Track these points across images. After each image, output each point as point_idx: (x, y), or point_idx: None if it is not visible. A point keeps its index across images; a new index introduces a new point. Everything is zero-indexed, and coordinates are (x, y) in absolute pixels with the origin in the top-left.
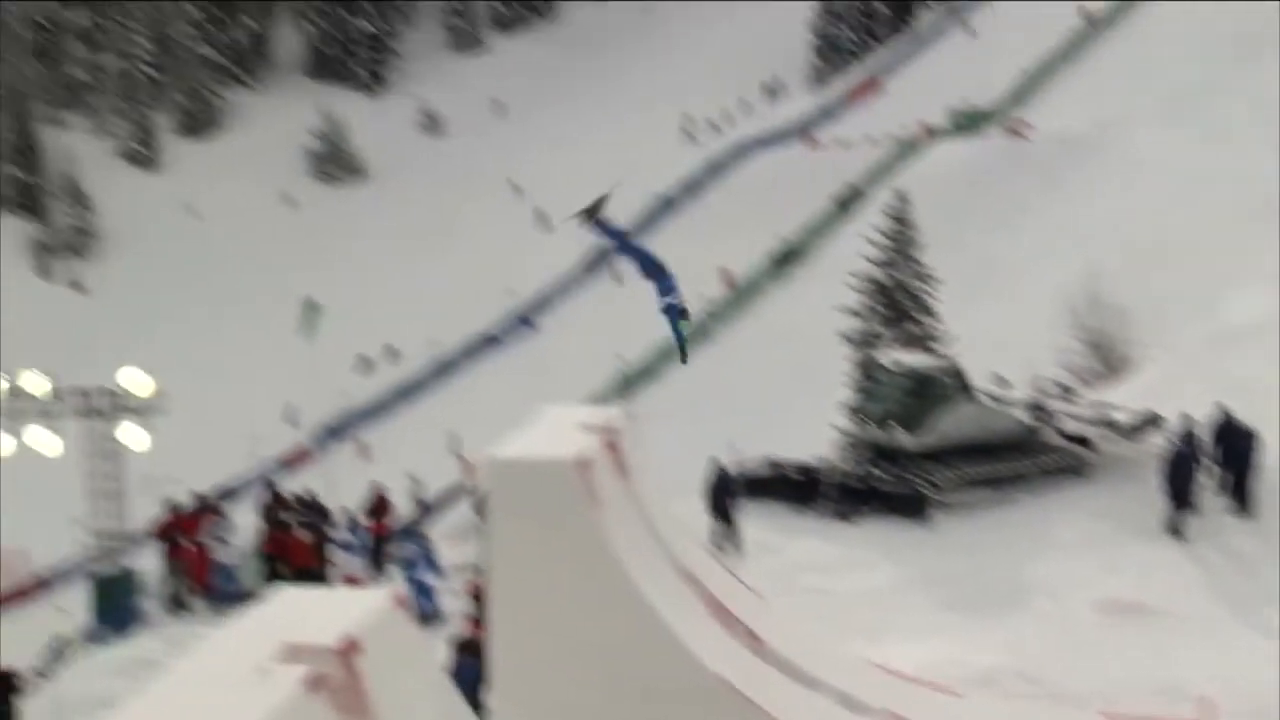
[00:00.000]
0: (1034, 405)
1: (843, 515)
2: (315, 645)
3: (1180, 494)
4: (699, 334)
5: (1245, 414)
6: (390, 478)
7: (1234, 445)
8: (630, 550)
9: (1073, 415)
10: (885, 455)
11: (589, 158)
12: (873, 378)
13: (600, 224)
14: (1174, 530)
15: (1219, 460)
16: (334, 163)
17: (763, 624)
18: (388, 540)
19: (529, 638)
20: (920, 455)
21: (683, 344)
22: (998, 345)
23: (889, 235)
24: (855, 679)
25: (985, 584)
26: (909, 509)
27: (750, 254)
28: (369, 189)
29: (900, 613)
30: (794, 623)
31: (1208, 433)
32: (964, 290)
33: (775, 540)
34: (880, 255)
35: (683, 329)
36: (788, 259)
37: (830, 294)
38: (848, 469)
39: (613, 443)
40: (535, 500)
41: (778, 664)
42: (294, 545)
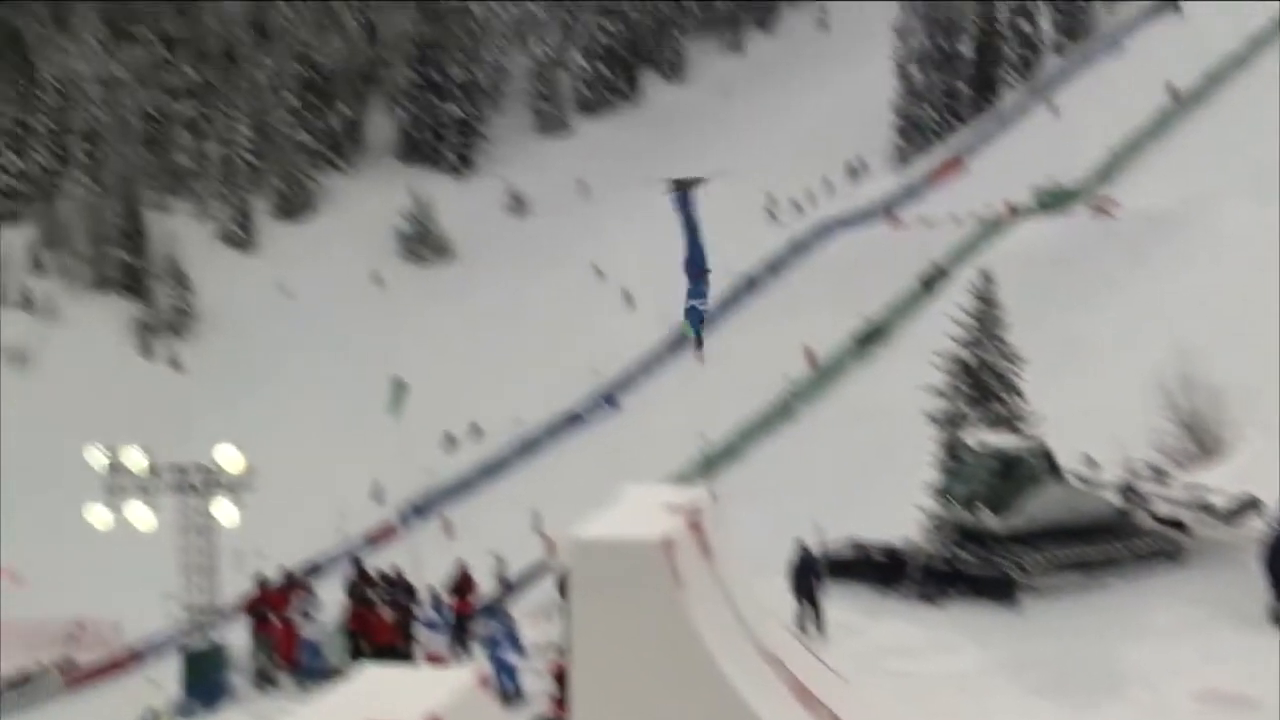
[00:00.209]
0: (1125, 487)
1: (928, 598)
2: None
3: None
4: (783, 413)
5: None
6: (474, 555)
7: None
8: (713, 631)
9: (1166, 498)
10: (971, 537)
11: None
12: (958, 458)
13: (684, 199)
14: (1278, 619)
15: None
16: (422, 243)
17: (846, 707)
18: (471, 618)
19: (611, 718)
20: (1007, 538)
21: (699, 335)
22: (1085, 425)
23: (974, 314)
24: None
25: (1077, 671)
26: (996, 592)
27: (833, 333)
28: (456, 269)
29: (987, 698)
30: (877, 706)
31: None
32: (1050, 369)
33: (859, 622)
34: (965, 334)
35: (700, 330)
36: (871, 338)
37: (914, 373)
38: (933, 551)
39: (696, 523)
40: (618, 580)
41: None
42: (378, 622)
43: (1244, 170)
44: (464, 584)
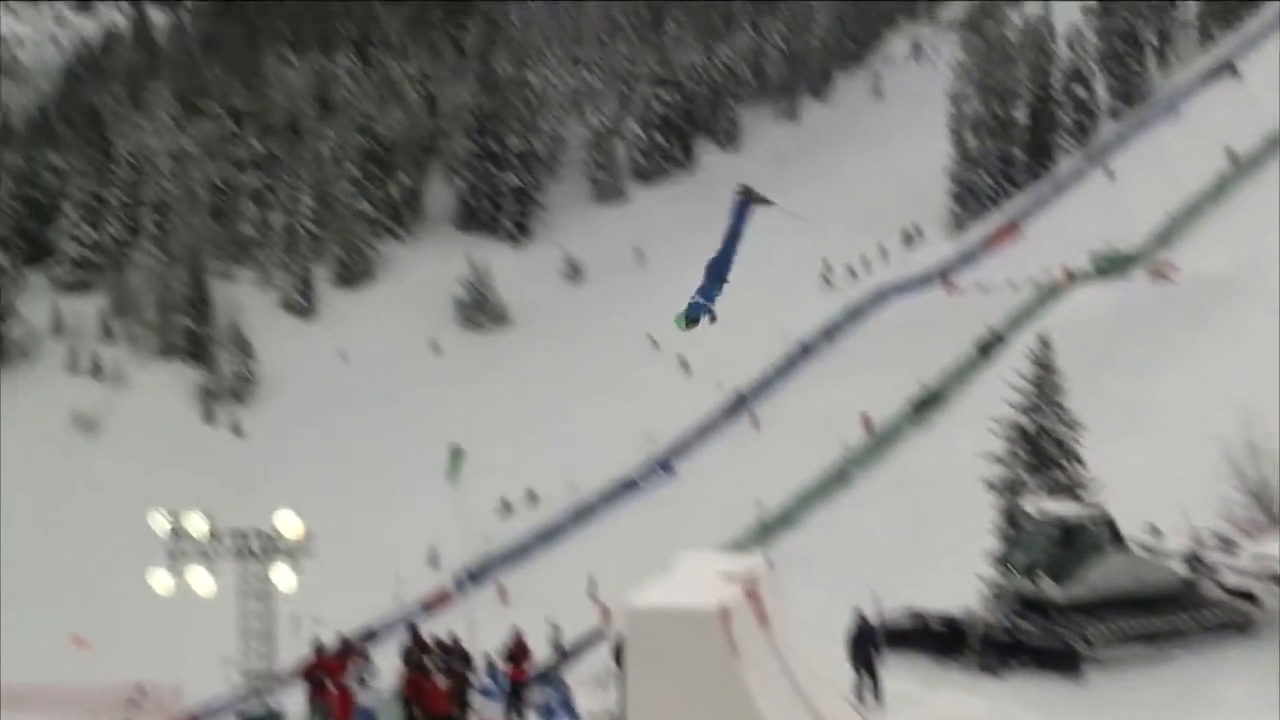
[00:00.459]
0: (1191, 557)
1: (988, 668)
2: None
3: None
4: (839, 480)
5: None
6: (529, 622)
7: None
8: (769, 700)
9: (1234, 568)
10: (1032, 607)
11: (727, 303)
12: (1018, 526)
13: (744, 208)
14: None
15: None
16: (480, 310)
17: None
18: (526, 686)
19: None
20: (1069, 607)
21: (689, 321)
22: (1149, 493)
23: (1032, 380)
24: None
25: None
26: (1059, 663)
27: (890, 399)
28: (513, 335)
29: None
30: None
31: None
32: (1111, 436)
33: (918, 693)
34: (1023, 400)
35: (690, 320)
36: (928, 404)
37: (972, 440)
38: (993, 620)
39: (753, 591)
40: (674, 648)
41: None
42: (433, 690)
43: None
44: (519, 651)
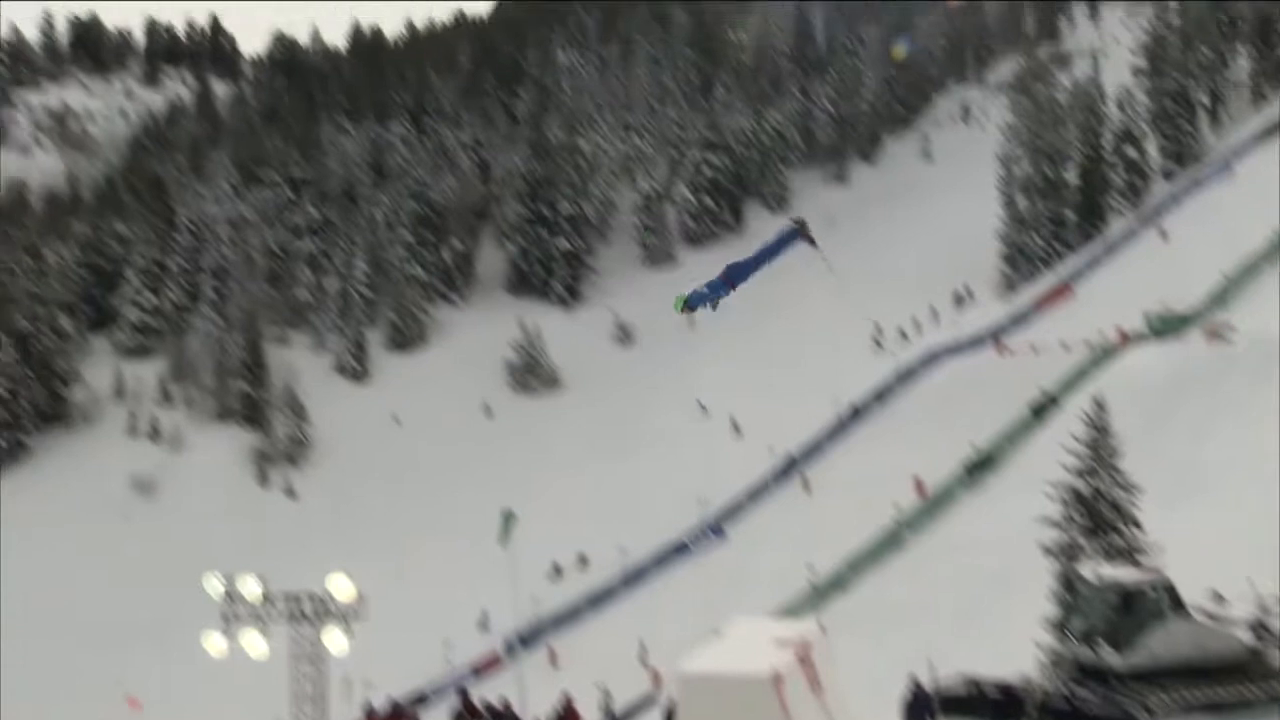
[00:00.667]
0: (1256, 624)
1: None
2: None
3: None
4: (892, 543)
5: None
6: (579, 687)
7: None
8: None
9: None
10: (1091, 675)
11: (777, 366)
12: (1076, 592)
13: (789, 238)
14: None
15: None
16: (531, 374)
17: None
18: None
19: None
20: (1130, 676)
21: (688, 305)
22: (1209, 559)
23: (1086, 442)
24: None
25: None
26: None
27: (942, 462)
28: (564, 398)
29: None
30: None
31: None
32: (1169, 499)
33: None
34: (1078, 463)
35: (690, 304)
36: (981, 467)
37: (1027, 503)
38: (1050, 688)
39: (805, 657)
40: (726, 714)
41: None
42: None
43: None
44: (569, 716)
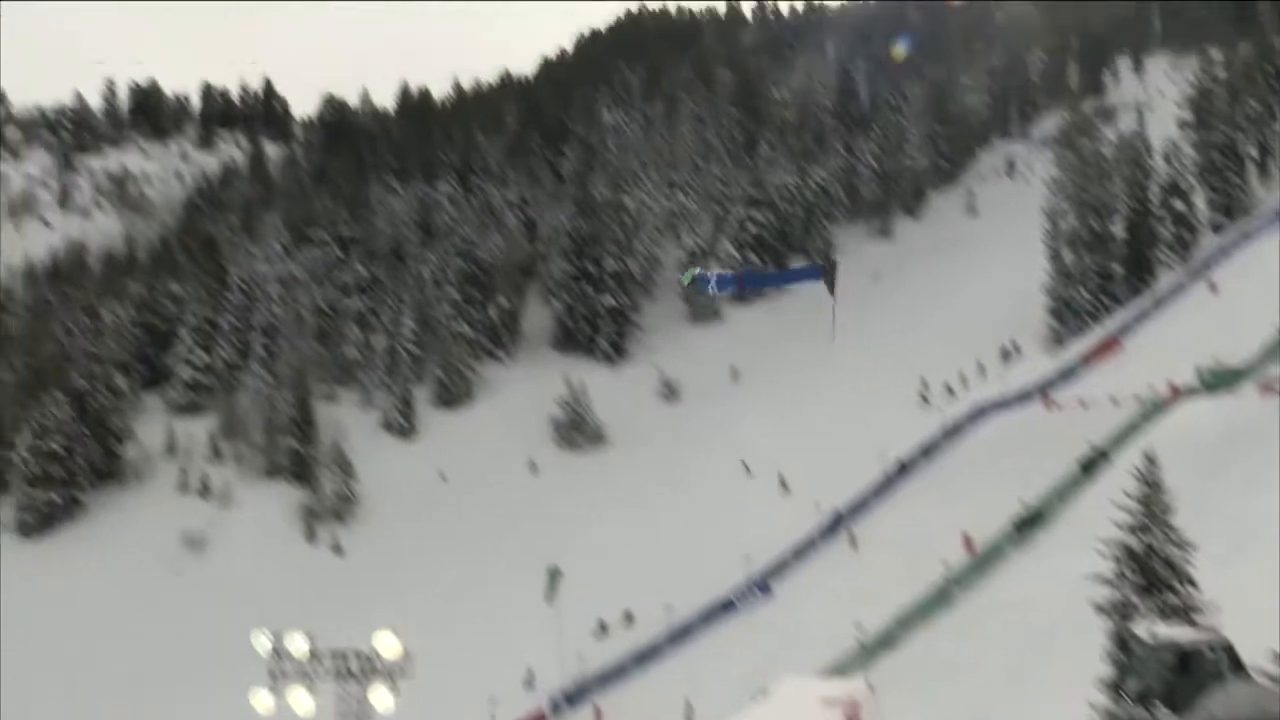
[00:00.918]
0: None
1: None
2: None
3: None
4: (941, 601)
5: None
6: None
7: None
8: None
9: None
10: None
11: (823, 422)
12: (1130, 652)
13: (812, 274)
14: None
15: None
16: (577, 430)
17: None
18: None
19: None
20: None
21: (692, 282)
22: (1268, 617)
23: (1138, 498)
24: None
25: None
26: None
27: (990, 518)
28: (609, 455)
29: None
30: None
31: None
32: (1225, 557)
33: None
34: (1130, 520)
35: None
36: (1030, 523)
37: (1078, 560)
38: None
39: (854, 716)
40: None
41: None
42: None
43: None
44: None
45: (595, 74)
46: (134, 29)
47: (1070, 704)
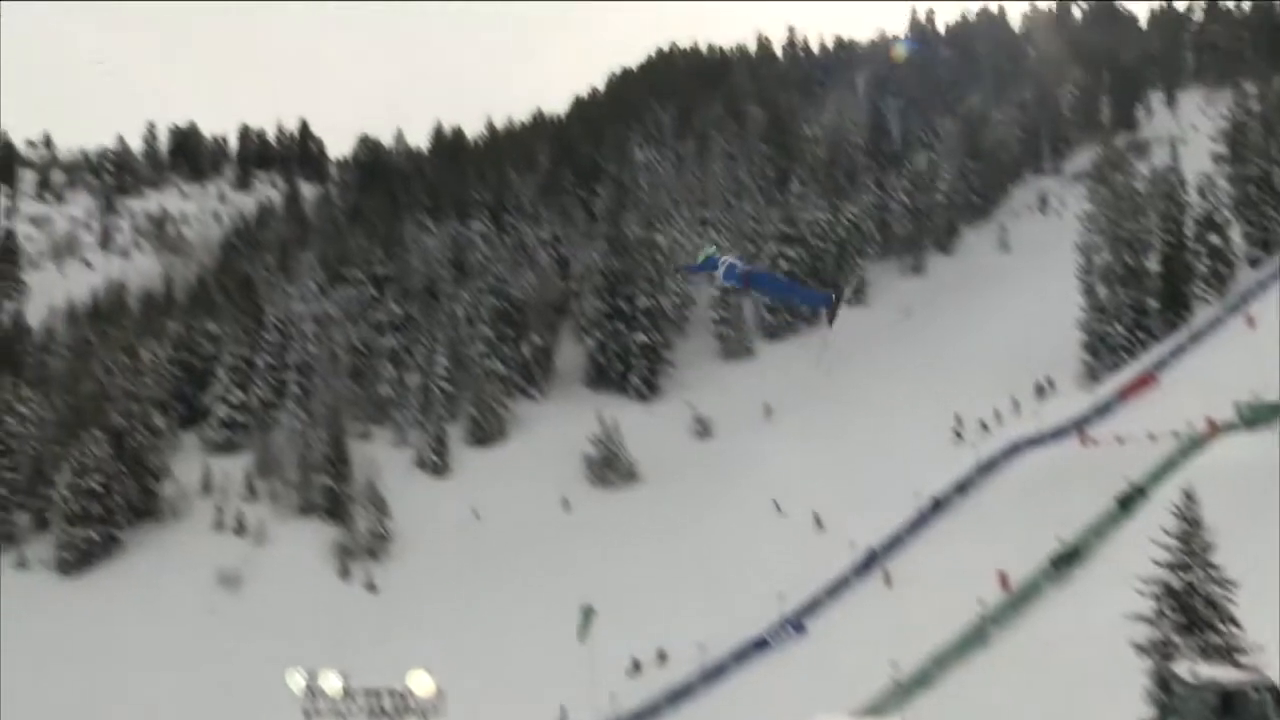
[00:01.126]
0: None
1: None
2: None
3: None
4: (977, 639)
5: None
6: None
7: None
8: None
9: None
10: None
11: (856, 458)
12: (1172, 692)
13: (819, 301)
14: None
15: None
16: (610, 467)
17: None
18: None
19: None
20: None
21: (702, 264)
22: None
23: (1177, 535)
24: None
25: None
26: None
27: (1026, 555)
28: (642, 492)
29: None
30: None
31: None
32: (1268, 595)
33: None
34: (1169, 557)
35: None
36: (1067, 560)
37: (1116, 598)
38: None
39: None
40: None
41: None
42: None
43: None
44: None
45: (627, 112)
46: (175, 72)
47: None
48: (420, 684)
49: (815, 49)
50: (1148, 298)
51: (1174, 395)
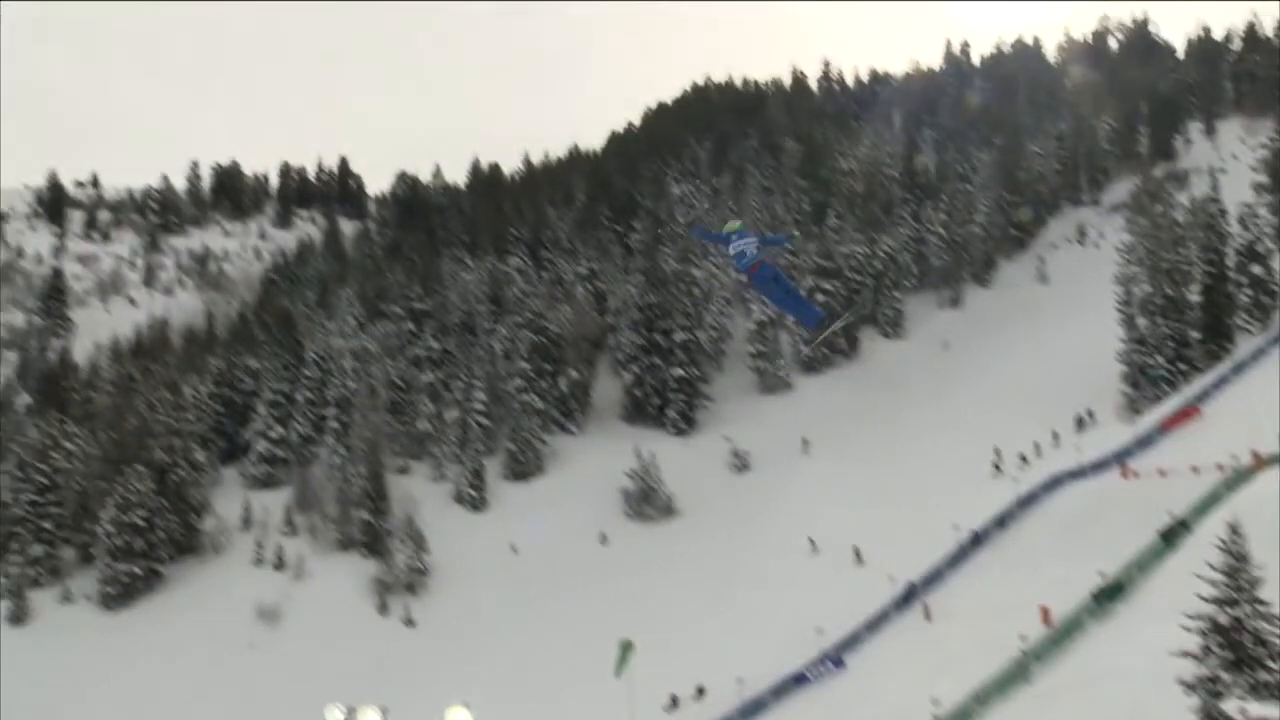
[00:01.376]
0: None
1: None
2: None
3: None
4: (1018, 675)
5: None
6: None
7: None
8: None
9: None
10: None
11: (895, 491)
12: None
13: (814, 316)
14: None
15: None
16: (647, 502)
17: None
18: None
19: None
20: None
21: (713, 237)
22: None
23: (1223, 570)
24: None
25: None
26: None
27: (1068, 590)
28: (680, 526)
29: None
30: None
31: None
32: None
33: None
34: (1216, 592)
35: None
36: (1110, 595)
37: (1161, 634)
38: None
39: None
40: None
41: None
42: None
43: None
44: None
45: (663, 147)
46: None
47: None
48: (459, 719)
49: (850, 82)
50: (1189, 329)
51: (1217, 427)
